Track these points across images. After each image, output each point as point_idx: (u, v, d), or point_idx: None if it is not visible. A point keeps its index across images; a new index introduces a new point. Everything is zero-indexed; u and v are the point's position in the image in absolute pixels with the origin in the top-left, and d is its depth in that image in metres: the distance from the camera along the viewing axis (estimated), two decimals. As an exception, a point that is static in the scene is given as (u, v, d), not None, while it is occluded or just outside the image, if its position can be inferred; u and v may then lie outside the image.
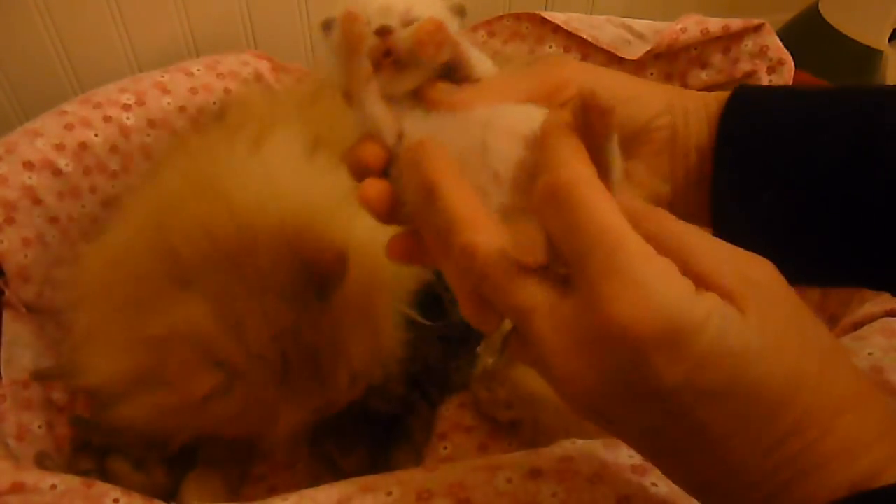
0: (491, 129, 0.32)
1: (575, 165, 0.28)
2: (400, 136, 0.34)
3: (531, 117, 0.32)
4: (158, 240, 0.52)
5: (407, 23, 0.33)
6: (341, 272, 0.50)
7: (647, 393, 0.25)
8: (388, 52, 0.33)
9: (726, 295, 0.26)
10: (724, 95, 0.38)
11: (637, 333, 0.24)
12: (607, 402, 0.27)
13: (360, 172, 0.35)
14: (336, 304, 0.51)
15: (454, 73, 0.35)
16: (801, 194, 0.36)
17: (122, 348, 0.51)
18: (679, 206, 0.39)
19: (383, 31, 0.33)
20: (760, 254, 0.30)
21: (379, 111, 0.34)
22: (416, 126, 0.34)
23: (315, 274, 0.50)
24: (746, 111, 0.38)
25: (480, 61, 0.36)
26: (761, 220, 0.37)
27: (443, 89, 0.35)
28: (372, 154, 0.34)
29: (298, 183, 0.57)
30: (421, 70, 0.34)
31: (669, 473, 0.29)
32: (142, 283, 0.52)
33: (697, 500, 0.29)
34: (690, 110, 0.39)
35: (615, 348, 0.25)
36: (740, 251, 0.28)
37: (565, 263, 0.28)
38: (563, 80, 0.36)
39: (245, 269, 0.50)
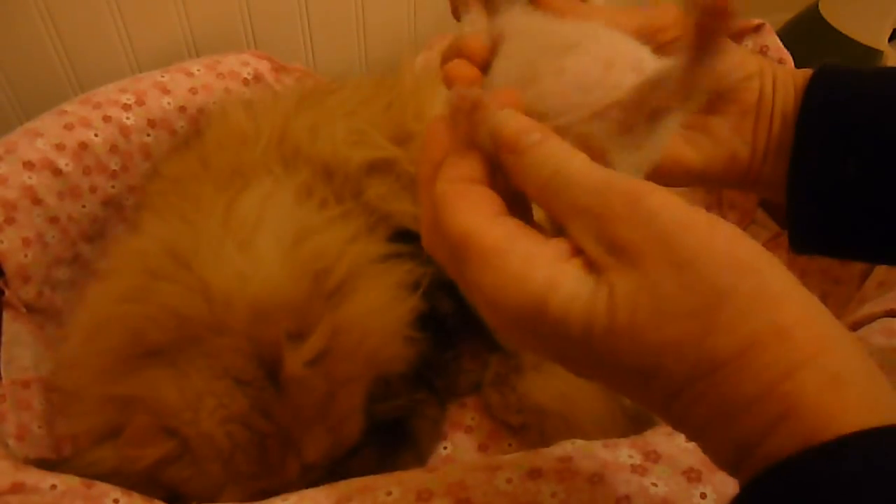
0: (577, 50, 0.32)
1: (445, 173, 0.30)
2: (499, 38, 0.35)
3: (619, 50, 0.32)
4: (130, 318, 0.54)
5: None
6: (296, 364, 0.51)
7: (545, 348, 0.29)
8: None
9: (589, 261, 0.27)
10: (810, 70, 0.40)
11: (503, 326, 0.29)
12: (536, 353, 0.32)
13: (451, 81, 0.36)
14: (291, 394, 0.52)
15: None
16: (881, 166, 0.37)
17: (94, 405, 0.54)
18: (754, 171, 0.41)
19: None
20: (830, 226, 0.33)
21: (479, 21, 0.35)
22: (515, 22, 0.35)
23: (269, 364, 0.51)
24: (833, 83, 0.39)
25: None
26: (837, 188, 0.38)
27: None
28: (476, 48, 0.35)
29: (274, 266, 0.56)
30: None
31: None
32: (113, 353, 0.54)
33: None
34: (779, 78, 0.40)
35: (504, 321, 0.29)
36: (614, 195, 0.27)
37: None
38: (670, 21, 0.38)
39: (209, 349, 0.51)
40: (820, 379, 0.23)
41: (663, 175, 0.39)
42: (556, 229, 0.29)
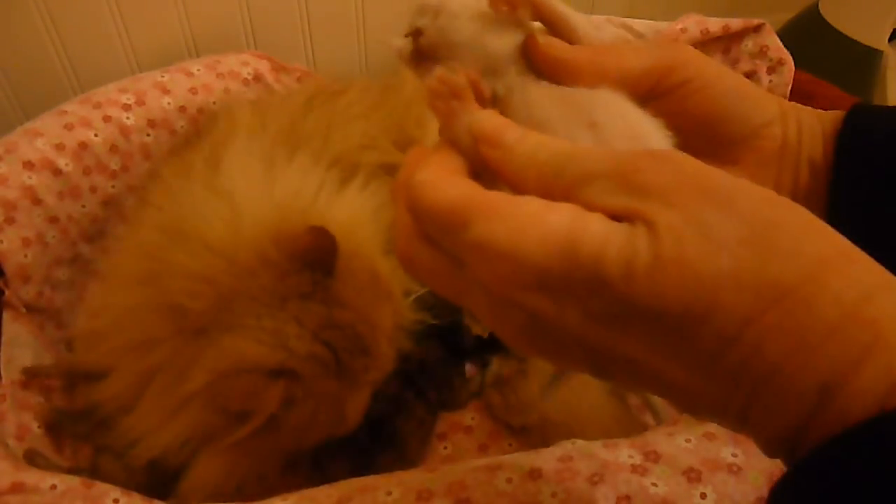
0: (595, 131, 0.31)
1: (424, 167, 0.28)
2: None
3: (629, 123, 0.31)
4: (161, 300, 0.53)
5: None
6: (331, 243, 0.52)
7: (560, 337, 0.25)
8: (422, 53, 0.33)
9: (614, 214, 0.24)
10: (839, 112, 0.37)
11: (520, 295, 0.24)
12: (541, 352, 0.27)
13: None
14: (345, 277, 0.53)
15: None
16: None
17: (168, 415, 0.53)
18: None
19: (415, 33, 0.33)
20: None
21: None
22: (528, 98, 0.33)
23: (310, 258, 0.51)
24: (869, 123, 0.36)
25: (583, 23, 0.34)
26: (884, 234, 0.34)
27: (557, 45, 0.32)
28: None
29: (259, 194, 0.58)
30: (461, 58, 0.33)
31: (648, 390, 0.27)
32: (157, 347, 0.53)
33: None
34: (804, 122, 0.37)
35: (512, 311, 0.25)
36: (626, 155, 0.25)
37: None
38: (683, 60, 0.35)
39: (253, 292, 0.51)
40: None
41: None
42: None
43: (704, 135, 0.37)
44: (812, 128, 0.37)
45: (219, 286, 0.52)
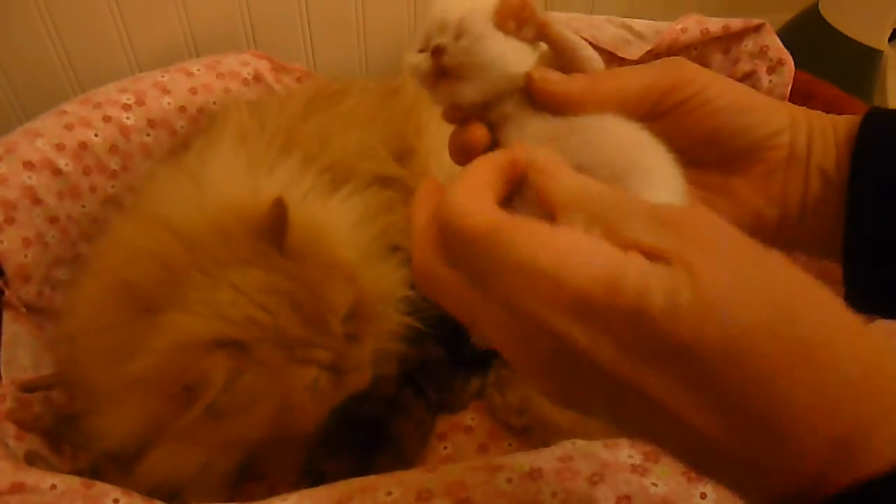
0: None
1: (458, 185, 0.28)
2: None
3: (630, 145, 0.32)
4: (113, 281, 0.53)
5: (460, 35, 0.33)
6: (283, 213, 0.51)
7: (584, 369, 0.25)
8: (441, 71, 0.33)
9: (652, 254, 0.24)
10: (854, 118, 0.36)
11: (554, 318, 0.24)
12: (558, 387, 0.27)
13: (462, 154, 0.34)
14: (295, 250, 0.52)
15: (562, 65, 0.34)
16: None
17: (116, 402, 0.52)
18: (788, 231, 0.37)
19: (437, 52, 0.33)
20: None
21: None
22: (522, 133, 0.34)
23: (260, 226, 0.51)
24: (886, 128, 0.35)
25: (587, 50, 0.34)
26: None
27: (552, 79, 0.33)
28: (477, 135, 0.34)
29: (238, 187, 0.58)
30: (483, 80, 0.33)
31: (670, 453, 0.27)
32: (112, 331, 0.52)
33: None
34: (816, 130, 0.36)
35: (540, 338, 0.25)
36: (666, 207, 0.27)
37: None
38: (683, 79, 0.35)
39: (202, 265, 0.51)
40: None
41: None
42: None
43: (709, 150, 0.37)
44: (824, 134, 0.36)
45: (170, 262, 0.51)
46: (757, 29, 0.80)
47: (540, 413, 0.66)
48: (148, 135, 0.76)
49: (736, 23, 0.79)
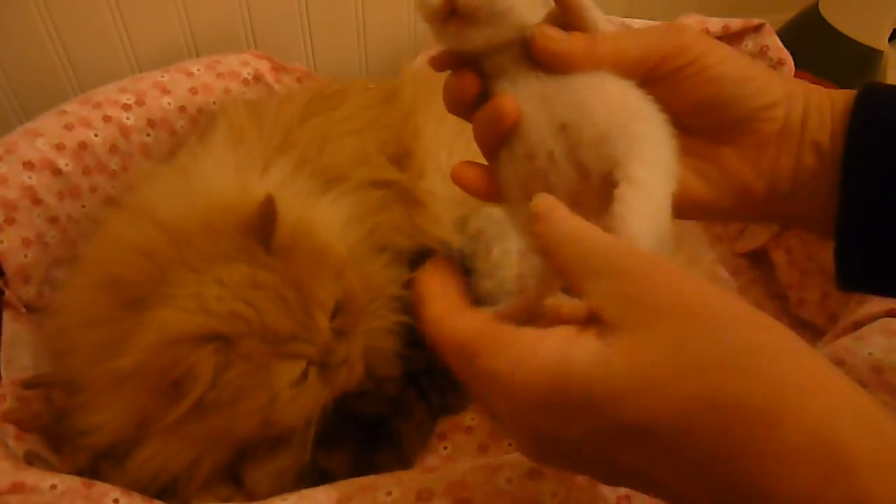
0: (568, 128, 0.32)
1: (432, 303, 0.31)
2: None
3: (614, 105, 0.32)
4: (100, 274, 0.54)
5: None
6: (271, 210, 0.52)
7: (569, 450, 0.27)
8: (453, 11, 0.32)
9: (601, 321, 0.26)
10: (851, 92, 0.36)
11: (521, 417, 0.27)
12: (546, 459, 0.29)
13: (454, 102, 0.35)
14: (282, 246, 0.53)
15: (565, 25, 0.34)
16: None
17: (108, 397, 0.52)
18: (776, 206, 0.37)
19: None
20: (889, 262, 0.31)
21: None
22: (514, 87, 0.34)
23: (248, 224, 0.52)
24: (883, 102, 0.35)
25: (596, 12, 0.34)
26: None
27: (553, 36, 0.33)
28: (468, 83, 0.34)
29: (228, 183, 0.59)
30: (495, 26, 0.33)
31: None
32: (100, 325, 0.52)
33: None
34: (812, 104, 0.36)
35: (521, 429, 0.28)
36: (632, 256, 0.27)
37: None
38: (682, 45, 0.35)
39: (189, 261, 0.51)
40: (858, 424, 0.22)
41: (673, 207, 0.37)
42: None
43: (702, 118, 0.37)
44: (821, 108, 0.36)
45: (158, 257, 0.52)
46: (757, 29, 0.80)
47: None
48: (148, 135, 0.76)
49: (736, 23, 0.79)
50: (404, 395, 0.65)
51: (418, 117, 0.76)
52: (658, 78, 0.35)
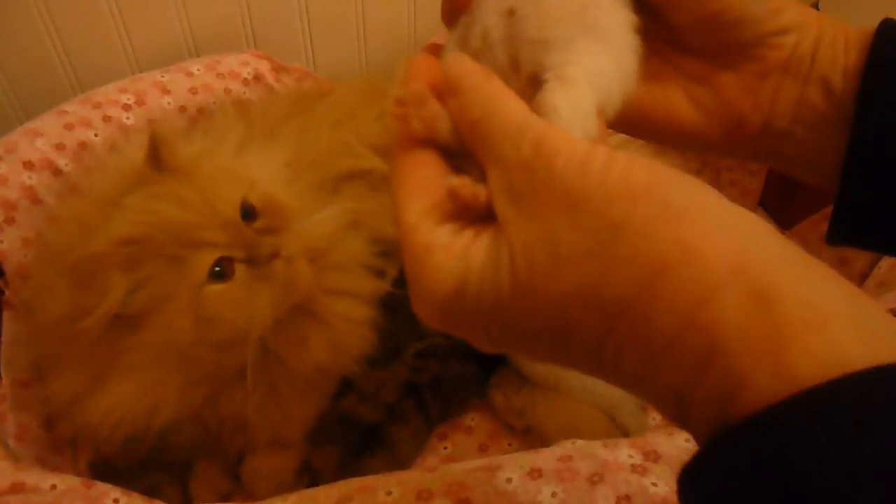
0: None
1: (406, 208, 0.27)
2: None
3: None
4: (44, 251, 0.61)
5: None
6: (157, 139, 0.56)
7: (482, 338, 0.26)
8: None
9: (498, 229, 0.25)
10: (868, 27, 0.33)
11: (439, 324, 0.26)
12: (489, 349, 0.28)
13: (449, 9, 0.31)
14: (181, 169, 0.56)
15: None
16: None
17: (62, 359, 0.56)
18: (769, 143, 0.34)
19: None
20: (889, 213, 0.29)
21: None
22: None
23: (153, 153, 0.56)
24: None
25: None
26: None
27: None
28: None
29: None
30: None
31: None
32: (49, 293, 0.56)
33: None
34: (826, 36, 0.33)
35: (444, 320, 0.26)
36: (526, 147, 0.24)
37: None
38: None
39: (103, 208, 0.56)
40: (741, 301, 0.20)
41: (655, 128, 0.35)
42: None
43: (705, 36, 0.34)
44: (834, 42, 0.33)
45: (84, 222, 0.56)
46: None
47: (537, 419, 0.66)
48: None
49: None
50: (402, 405, 0.65)
51: None
52: None
